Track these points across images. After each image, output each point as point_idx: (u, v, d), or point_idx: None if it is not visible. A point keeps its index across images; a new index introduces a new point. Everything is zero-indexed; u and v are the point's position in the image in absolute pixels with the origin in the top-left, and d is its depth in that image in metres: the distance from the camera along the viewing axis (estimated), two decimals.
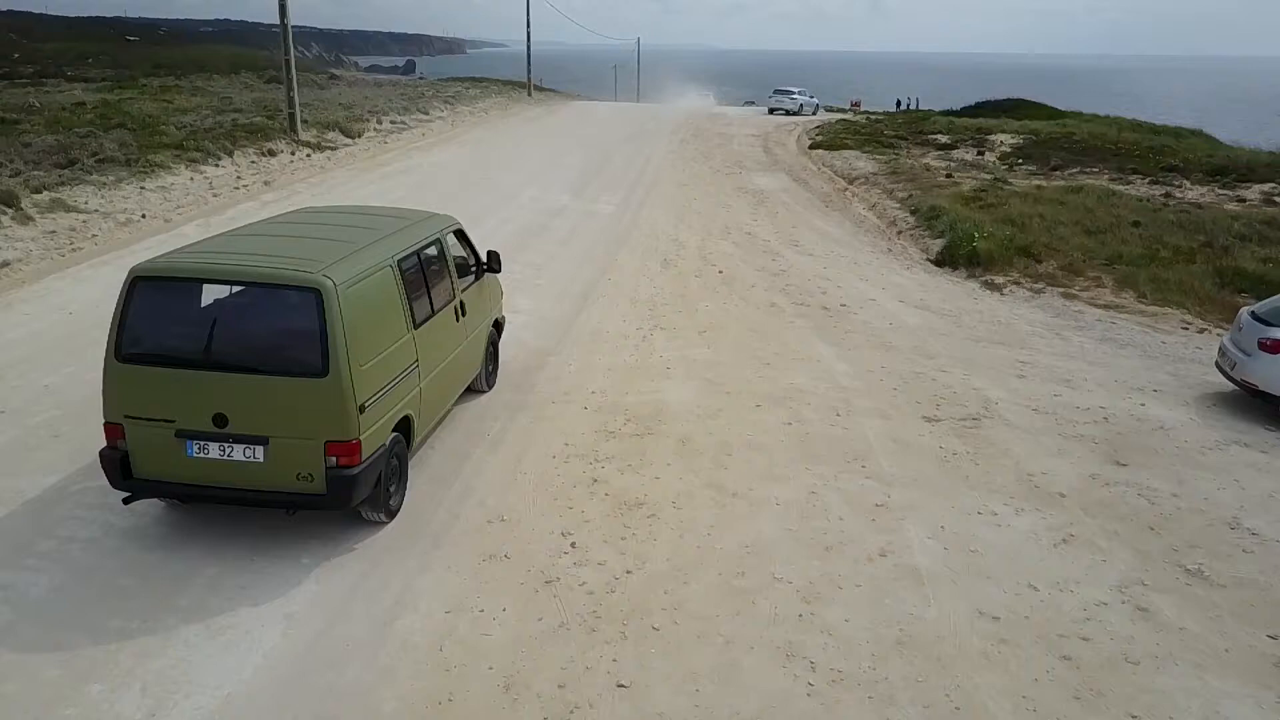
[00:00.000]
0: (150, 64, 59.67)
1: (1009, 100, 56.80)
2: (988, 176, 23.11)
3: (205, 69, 58.30)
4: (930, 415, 8.80)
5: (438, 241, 7.94)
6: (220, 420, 5.96)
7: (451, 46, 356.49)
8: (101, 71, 52.90)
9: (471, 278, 8.61)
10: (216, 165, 21.15)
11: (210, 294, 6.50)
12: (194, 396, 5.98)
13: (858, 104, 64.77)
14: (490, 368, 9.17)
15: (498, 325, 9.39)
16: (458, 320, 8.03)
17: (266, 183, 20.74)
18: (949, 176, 22.54)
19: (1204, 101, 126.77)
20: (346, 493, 6.06)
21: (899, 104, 69.84)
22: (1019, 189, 21.20)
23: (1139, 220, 17.41)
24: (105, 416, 6.10)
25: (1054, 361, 10.82)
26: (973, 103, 57.01)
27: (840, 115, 48.46)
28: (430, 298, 7.48)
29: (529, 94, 52.41)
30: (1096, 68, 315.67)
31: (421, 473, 7.25)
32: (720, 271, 14.04)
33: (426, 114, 35.37)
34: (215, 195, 18.89)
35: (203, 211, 17.41)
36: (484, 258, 8.95)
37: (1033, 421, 8.80)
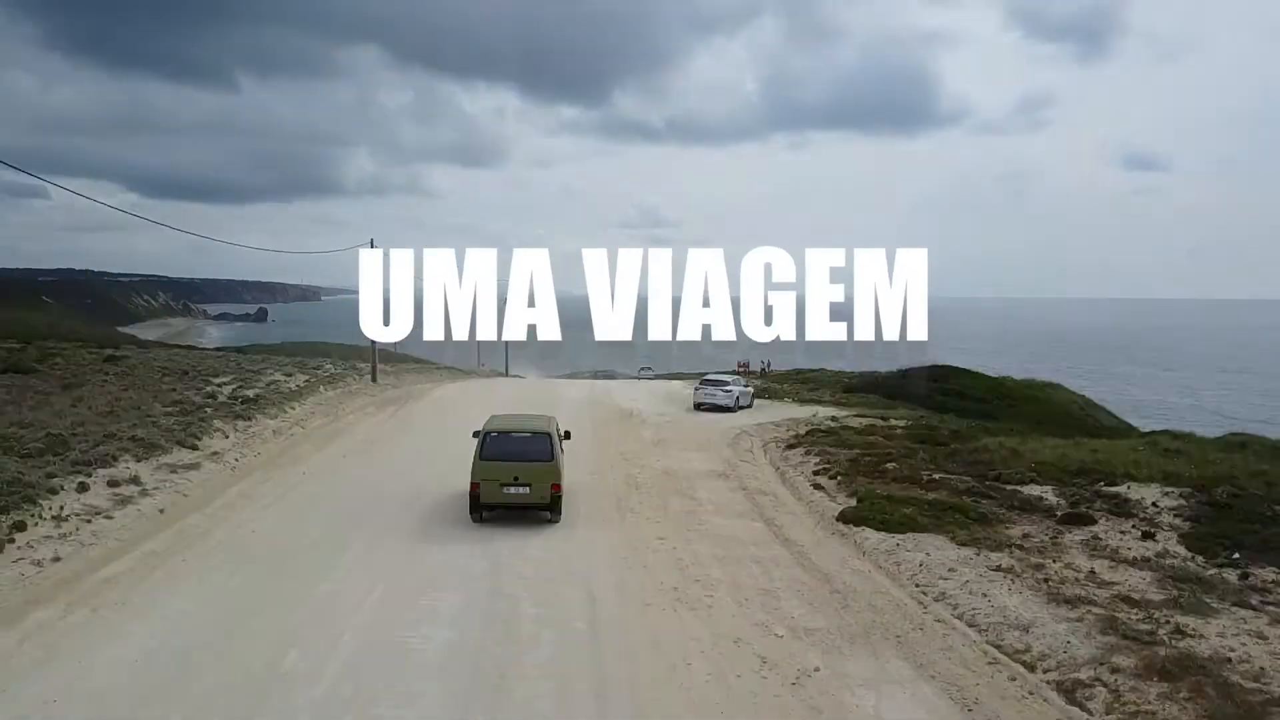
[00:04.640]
0: None
1: (936, 367, 45.87)
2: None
3: None
4: None
5: (556, 425, 17.34)
6: (516, 479, 15.69)
7: (306, 294, 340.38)
8: None
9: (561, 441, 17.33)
10: None
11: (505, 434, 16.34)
12: (507, 471, 15.68)
13: (745, 364, 57.02)
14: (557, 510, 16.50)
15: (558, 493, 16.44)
16: (562, 459, 16.77)
17: None
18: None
19: (987, 339, 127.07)
20: (558, 504, 15.94)
21: (761, 367, 60.20)
22: None
23: None
24: (473, 478, 15.75)
25: None
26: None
27: (772, 400, 36.66)
28: (562, 443, 17.21)
29: (374, 379, 38.32)
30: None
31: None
32: None
33: (196, 446, 20.56)
34: None
35: None
36: (564, 432, 17.86)
37: None
